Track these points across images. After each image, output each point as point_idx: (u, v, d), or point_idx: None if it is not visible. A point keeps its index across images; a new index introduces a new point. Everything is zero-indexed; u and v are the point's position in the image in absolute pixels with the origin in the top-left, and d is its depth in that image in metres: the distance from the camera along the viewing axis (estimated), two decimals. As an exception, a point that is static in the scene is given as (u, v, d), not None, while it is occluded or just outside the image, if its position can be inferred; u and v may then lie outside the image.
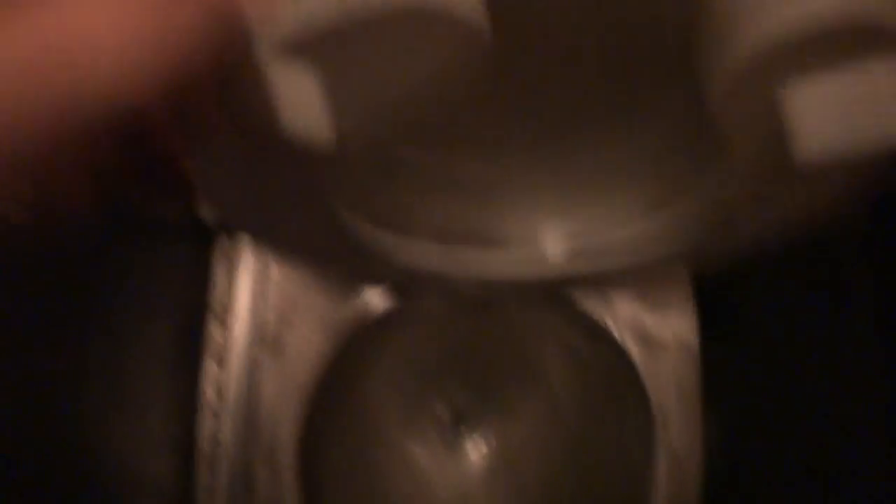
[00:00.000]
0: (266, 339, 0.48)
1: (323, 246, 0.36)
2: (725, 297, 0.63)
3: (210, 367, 0.77)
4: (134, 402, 0.60)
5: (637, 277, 0.47)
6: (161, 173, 0.21)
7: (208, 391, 0.76)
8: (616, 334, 0.49)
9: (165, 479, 0.68)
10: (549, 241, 0.38)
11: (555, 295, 0.50)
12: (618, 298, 0.50)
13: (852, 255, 0.50)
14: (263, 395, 0.47)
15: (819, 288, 0.53)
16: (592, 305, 0.50)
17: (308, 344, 0.48)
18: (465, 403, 0.61)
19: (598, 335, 0.50)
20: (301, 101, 0.19)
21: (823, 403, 0.52)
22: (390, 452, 0.58)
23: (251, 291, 0.50)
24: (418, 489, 0.59)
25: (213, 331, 0.78)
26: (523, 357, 0.57)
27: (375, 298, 0.49)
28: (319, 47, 0.18)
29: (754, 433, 0.61)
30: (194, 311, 0.76)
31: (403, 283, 0.46)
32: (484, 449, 0.61)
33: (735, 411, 0.62)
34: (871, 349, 0.48)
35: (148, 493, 0.63)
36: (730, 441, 0.60)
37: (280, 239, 0.36)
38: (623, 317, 0.49)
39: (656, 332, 0.49)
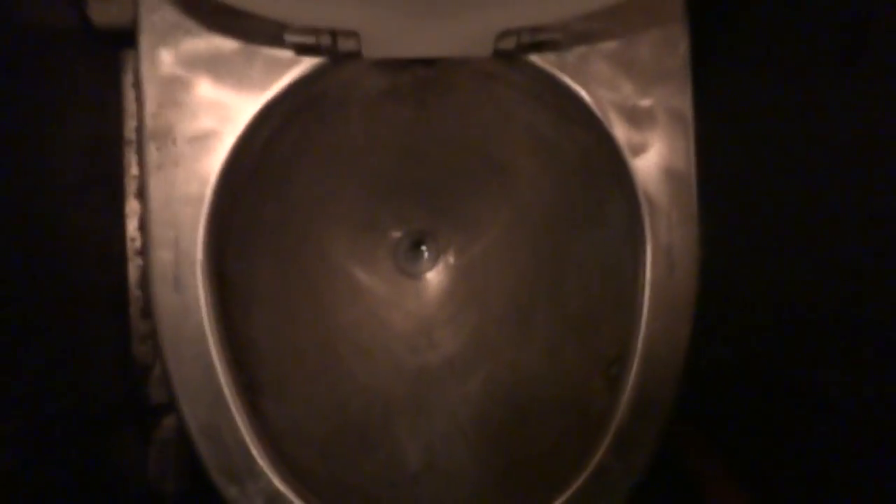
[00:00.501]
0: (156, 136, 0.37)
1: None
2: (722, 58, 0.53)
3: (130, 204, 0.68)
4: (43, 252, 0.51)
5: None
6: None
7: (131, 229, 0.67)
8: (596, 111, 0.40)
9: (95, 335, 0.61)
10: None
11: (516, 68, 0.39)
12: (596, 67, 0.40)
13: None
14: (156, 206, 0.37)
15: (831, 42, 0.44)
16: (565, 77, 0.40)
17: (209, 136, 0.37)
18: (419, 219, 0.53)
19: (573, 115, 0.40)
20: None
21: (839, 181, 0.44)
22: (333, 275, 0.50)
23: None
24: (370, 317, 0.52)
25: (129, 161, 0.68)
26: (484, 153, 0.48)
27: (292, 71, 0.38)
28: None
29: (754, 225, 0.53)
30: (105, 139, 0.66)
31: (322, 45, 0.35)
32: (443, 270, 0.53)
33: (734, 199, 0.54)
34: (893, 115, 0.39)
35: (76, 353, 0.56)
36: (727, 234, 0.53)
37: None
38: (603, 89, 0.40)
39: (644, 104, 0.40)
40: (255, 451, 0.37)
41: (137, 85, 0.38)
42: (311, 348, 0.48)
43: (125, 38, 0.62)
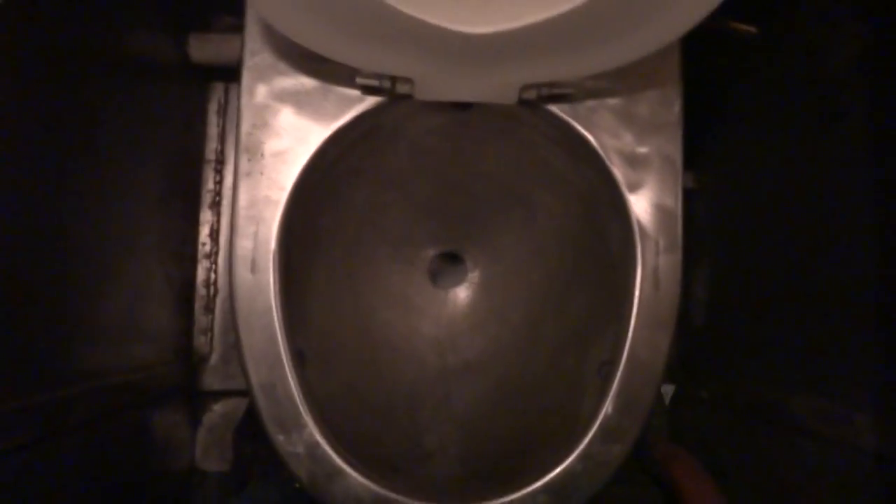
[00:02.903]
0: (248, 150, 0.47)
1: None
2: (710, 118, 0.62)
3: (204, 214, 0.79)
4: (131, 247, 0.60)
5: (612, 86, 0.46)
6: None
7: (202, 235, 0.78)
8: (601, 153, 0.48)
9: (164, 323, 0.70)
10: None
11: (537, 114, 0.48)
12: (602, 118, 0.48)
13: (849, 67, 0.48)
14: (243, 204, 0.47)
15: (812, 104, 0.52)
16: (576, 124, 0.49)
17: (288, 153, 0.47)
18: (452, 241, 0.62)
19: (583, 155, 0.49)
20: None
21: (810, 220, 0.52)
22: (375, 280, 0.59)
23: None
24: (402, 321, 0.60)
25: (207, 177, 0.78)
26: (509, 186, 0.57)
27: (358, 107, 0.48)
28: None
29: (734, 271, 0.61)
30: (188, 156, 0.76)
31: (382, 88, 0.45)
32: (469, 286, 0.62)
33: (718, 245, 0.61)
34: (867, 172, 0.47)
35: (147, 337, 0.65)
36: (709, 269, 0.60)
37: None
38: (607, 136, 0.48)
39: (641, 151, 0.48)
40: (302, 408, 0.46)
41: (237, 110, 0.48)
42: (350, 339, 0.56)
43: (215, 73, 0.74)
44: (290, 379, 0.46)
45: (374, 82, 0.45)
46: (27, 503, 0.42)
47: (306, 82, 0.48)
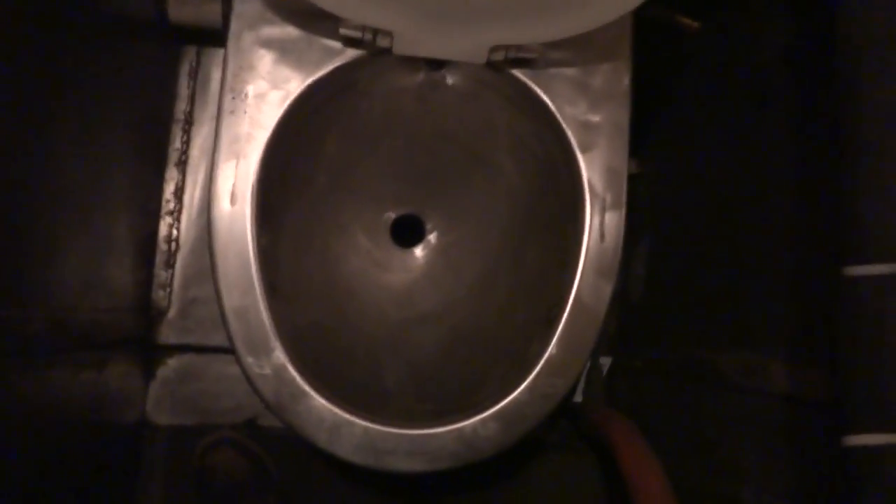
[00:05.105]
0: (233, 89, 0.50)
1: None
2: (653, 108, 0.68)
3: (170, 171, 0.80)
4: (99, 194, 0.62)
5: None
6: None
7: (167, 192, 0.79)
8: (558, 117, 0.53)
9: (125, 272, 0.71)
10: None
11: (503, 78, 0.53)
12: (561, 86, 0.53)
13: (775, 61, 0.55)
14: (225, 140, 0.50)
15: (743, 95, 0.58)
16: (538, 89, 0.53)
17: (270, 95, 0.50)
18: (414, 202, 0.66)
19: (541, 118, 0.54)
20: None
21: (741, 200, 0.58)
22: (342, 232, 0.63)
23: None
24: (365, 273, 0.64)
25: (175, 136, 0.80)
26: (471, 148, 0.61)
27: (338, 59, 0.52)
28: None
29: (677, 232, 0.67)
30: (157, 115, 0.78)
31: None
32: (427, 246, 0.66)
33: (661, 211, 0.67)
34: (788, 150, 0.53)
35: (108, 283, 0.66)
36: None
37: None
38: (564, 103, 0.53)
39: (594, 118, 0.53)
40: (271, 332, 0.49)
41: (223, 54, 0.51)
42: (318, 283, 0.59)
43: (189, 35, 0.76)
44: (262, 304, 0.49)
45: (356, 34, 0.49)
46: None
47: (291, 32, 0.51)
